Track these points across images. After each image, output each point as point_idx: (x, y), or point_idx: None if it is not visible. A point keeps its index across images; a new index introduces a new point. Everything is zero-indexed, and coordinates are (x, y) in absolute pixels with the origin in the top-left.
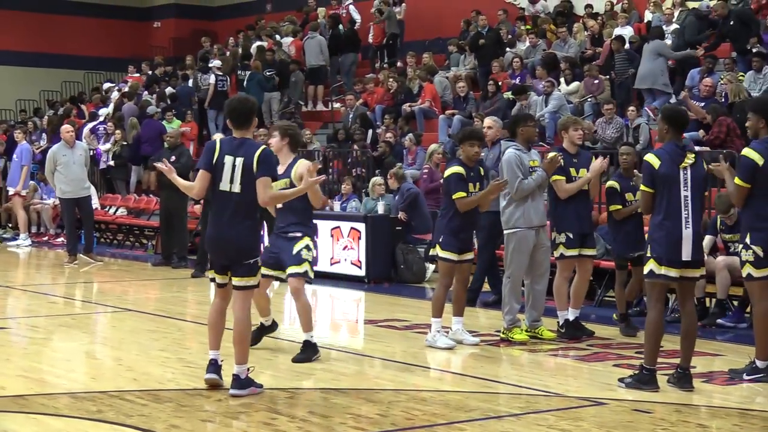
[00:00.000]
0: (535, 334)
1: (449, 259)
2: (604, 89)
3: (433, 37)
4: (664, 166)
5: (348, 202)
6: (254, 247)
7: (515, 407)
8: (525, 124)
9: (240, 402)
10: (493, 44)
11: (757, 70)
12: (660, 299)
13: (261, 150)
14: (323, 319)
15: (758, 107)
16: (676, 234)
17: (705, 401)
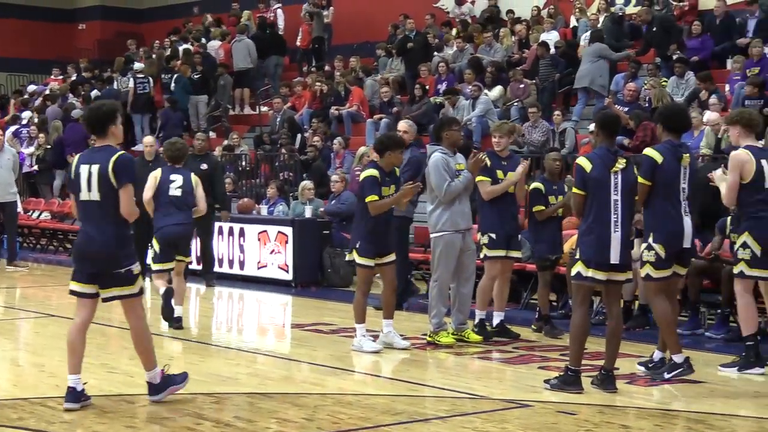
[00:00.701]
0: (461, 337)
1: (366, 265)
2: (530, 93)
3: (362, 40)
4: (595, 169)
5: (275, 206)
6: (123, 255)
7: (441, 410)
8: (450, 128)
9: (165, 407)
10: (421, 48)
11: (680, 76)
12: (585, 301)
13: (116, 157)
14: (250, 324)
15: (659, 116)
16: (604, 237)
17: (628, 402)
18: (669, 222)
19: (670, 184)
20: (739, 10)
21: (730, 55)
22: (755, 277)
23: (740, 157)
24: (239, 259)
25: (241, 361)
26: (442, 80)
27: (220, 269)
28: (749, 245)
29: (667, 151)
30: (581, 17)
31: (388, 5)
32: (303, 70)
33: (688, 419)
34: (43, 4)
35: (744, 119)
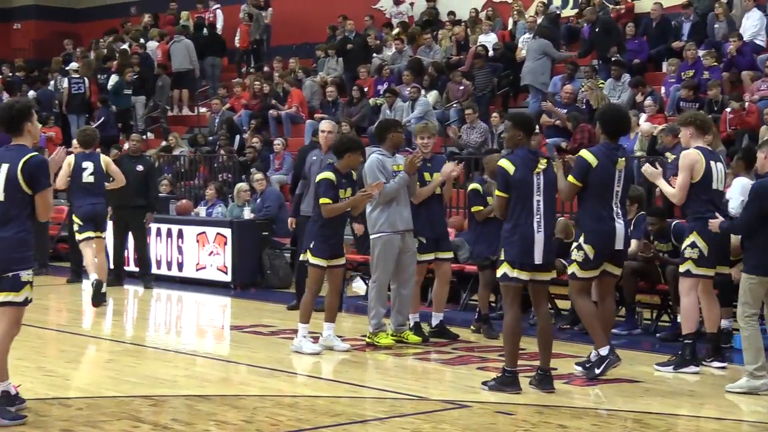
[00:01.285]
0: (400, 338)
1: (319, 265)
2: (469, 95)
3: (300, 41)
4: (518, 171)
5: (214, 207)
6: (16, 259)
7: (380, 411)
8: (395, 130)
9: (101, 411)
10: (360, 49)
11: (616, 78)
12: (515, 302)
13: (27, 158)
14: (188, 326)
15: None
16: (528, 238)
17: (566, 402)
18: (600, 224)
19: (603, 186)
20: (674, 13)
21: (665, 57)
22: (701, 276)
23: (692, 157)
24: (177, 260)
25: (179, 364)
26: (382, 81)
27: (158, 271)
28: (697, 245)
29: (602, 154)
30: (519, 19)
31: (326, 6)
32: (242, 71)
33: (625, 418)
34: None
35: (698, 121)
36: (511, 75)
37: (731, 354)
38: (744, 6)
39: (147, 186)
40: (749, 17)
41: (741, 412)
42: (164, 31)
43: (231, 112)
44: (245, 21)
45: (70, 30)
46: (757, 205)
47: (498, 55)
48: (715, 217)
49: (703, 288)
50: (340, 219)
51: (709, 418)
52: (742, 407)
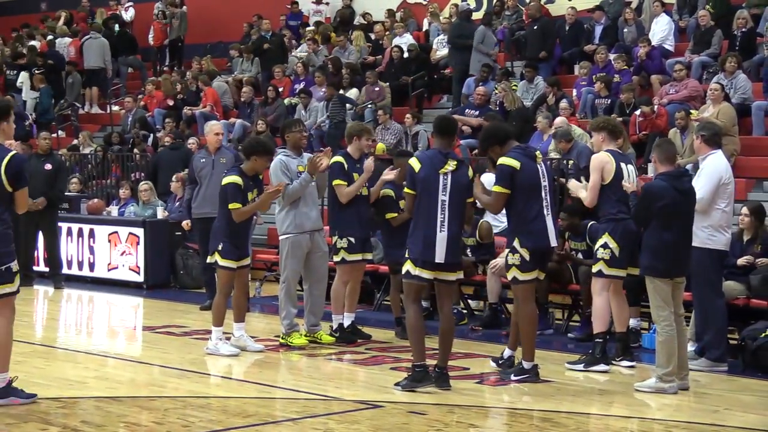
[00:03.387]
0: (314, 338)
1: (229, 267)
2: (385, 96)
3: (215, 40)
4: (423, 169)
5: (126, 206)
6: (3, 252)
7: (293, 412)
8: (291, 130)
9: (9, 412)
10: (277, 49)
11: (529, 81)
12: (416, 299)
13: (9, 158)
14: (99, 326)
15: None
16: (430, 236)
17: (478, 402)
18: (533, 223)
19: (531, 185)
20: (587, 17)
21: (577, 60)
22: (612, 277)
23: (601, 158)
24: (89, 260)
25: (89, 365)
26: (300, 80)
27: (69, 271)
28: (609, 245)
29: (520, 156)
30: (433, 21)
31: (241, 5)
32: (156, 69)
33: (536, 417)
34: None
35: (610, 126)
36: (425, 76)
37: (640, 353)
38: (652, 11)
39: (54, 183)
40: (657, 22)
41: (649, 410)
42: (77, 28)
43: (144, 111)
44: (159, 19)
45: None
46: (646, 203)
47: (413, 56)
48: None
49: (614, 288)
50: (248, 220)
51: (619, 417)
52: (650, 405)
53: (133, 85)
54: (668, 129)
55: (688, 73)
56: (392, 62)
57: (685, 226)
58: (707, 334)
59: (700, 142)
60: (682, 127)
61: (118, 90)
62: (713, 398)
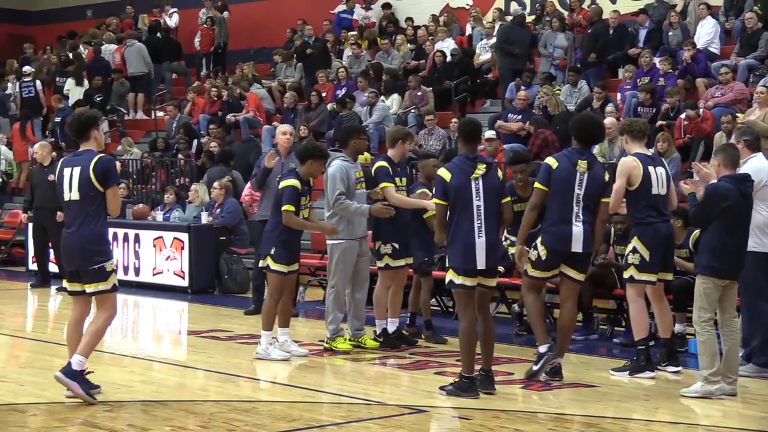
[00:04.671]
0: (358, 343)
1: (281, 271)
2: (428, 101)
3: (258, 46)
4: (455, 178)
5: (171, 212)
6: (97, 252)
7: (337, 416)
8: (358, 137)
9: (57, 416)
10: (320, 54)
11: (573, 85)
12: (468, 307)
13: (97, 159)
14: (145, 331)
15: (571, 125)
16: (469, 244)
17: (523, 407)
18: (557, 226)
19: (563, 189)
20: (630, 20)
21: (621, 64)
22: (644, 282)
23: (628, 164)
24: (134, 265)
25: (135, 369)
26: (341, 86)
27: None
28: (638, 250)
29: (563, 157)
30: (476, 25)
31: (284, 11)
32: (201, 75)
33: (580, 423)
34: None
35: (632, 128)
36: (469, 80)
37: (686, 359)
38: (698, 14)
39: None
40: (703, 25)
41: (695, 416)
42: (121, 35)
43: (188, 117)
44: (208, 25)
45: (24, 33)
46: (710, 205)
47: (456, 60)
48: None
49: (653, 293)
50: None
51: (664, 422)
52: (696, 411)
53: (177, 90)
54: (713, 133)
55: (734, 76)
56: (435, 67)
57: (745, 230)
58: (754, 339)
59: (742, 146)
60: (728, 131)
61: (162, 96)
62: (761, 404)
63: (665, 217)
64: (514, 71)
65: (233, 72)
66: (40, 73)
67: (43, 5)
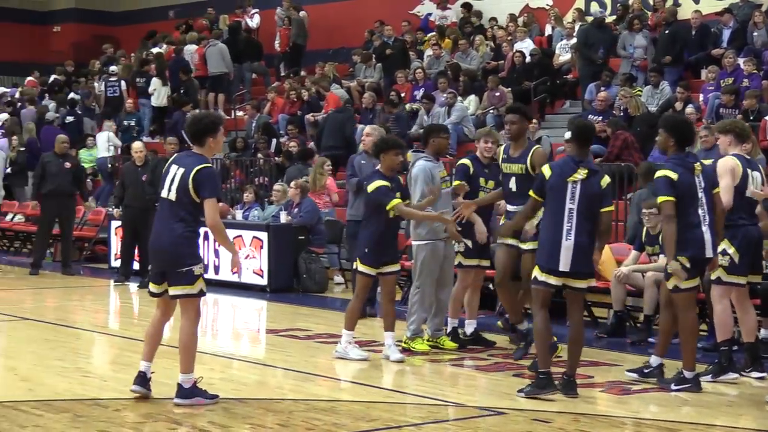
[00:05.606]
0: (436, 344)
1: (367, 273)
2: (506, 102)
3: (337, 46)
4: (553, 177)
5: (250, 210)
6: (186, 254)
7: (416, 417)
8: (438, 135)
9: (139, 413)
10: (399, 54)
11: (654, 86)
12: (544, 305)
13: (200, 167)
14: (225, 329)
15: (666, 125)
16: (555, 243)
17: (602, 410)
18: (690, 233)
19: (688, 196)
20: (713, 20)
21: (704, 65)
22: (732, 284)
23: (729, 163)
24: (214, 263)
25: (215, 366)
26: (419, 87)
27: None
28: (728, 252)
29: (677, 166)
30: (556, 26)
31: (362, 11)
32: (280, 75)
33: (660, 428)
34: (17, 6)
35: (737, 129)
36: (548, 81)
37: None
38: None
39: None
40: None
41: None
42: (202, 35)
43: (267, 116)
44: (285, 25)
45: (108, 33)
46: None
47: (535, 61)
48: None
49: (737, 296)
50: (394, 225)
51: (747, 429)
52: None
53: (257, 90)
54: None
55: None
56: (514, 67)
57: None
58: None
59: None
60: None
61: (242, 96)
62: None
63: (755, 220)
64: (593, 72)
65: (312, 72)
66: (124, 72)
67: (126, 6)
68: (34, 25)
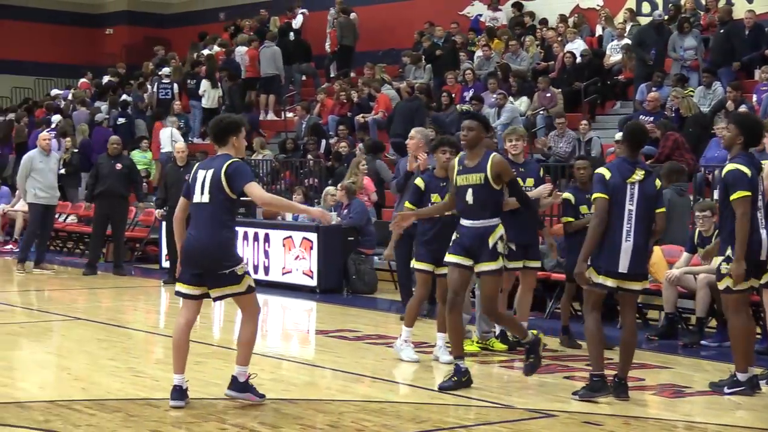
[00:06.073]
0: (485, 345)
1: (423, 270)
2: (557, 103)
3: (387, 47)
4: (613, 178)
5: None
6: (226, 256)
7: (466, 419)
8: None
9: (189, 412)
10: (449, 55)
11: (707, 86)
12: (596, 307)
13: (229, 163)
14: (274, 329)
15: (739, 122)
16: (615, 245)
17: (653, 414)
18: (752, 235)
19: (755, 196)
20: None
21: (758, 65)
22: None
23: None
24: (264, 264)
25: (265, 367)
26: (468, 88)
27: None
28: None
29: (746, 164)
30: (607, 26)
31: (412, 12)
32: (330, 76)
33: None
34: (70, 9)
35: None
36: (599, 82)
37: None
38: None
39: None
40: None
41: None
42: (253, 36)
43: (317, 118)
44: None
45: (159, 35)
46: None
47: (585, 61)
48: None
49: None
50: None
51: None
52: None
53: (306, 92)
54: None
55: None
56: (565, 68)
57: None
58: None
59: None
60: None
61: (292, 97)
62: None
63: None
64: (647, 73)
65: (362, 73)
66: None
67: (177, 8)
68: (87, 27)
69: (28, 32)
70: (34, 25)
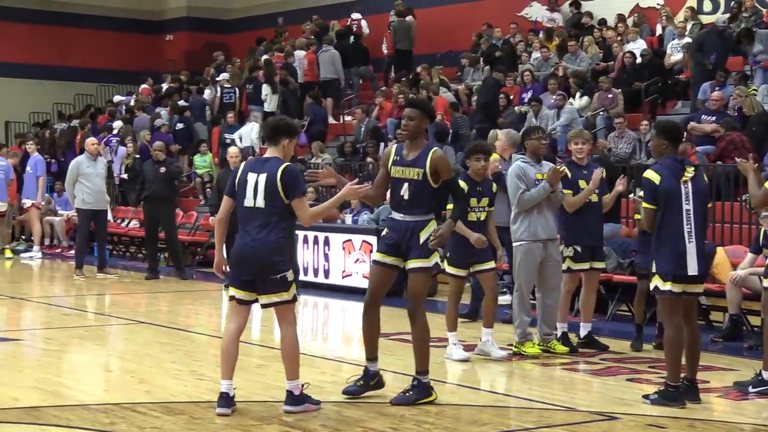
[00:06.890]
0: (547, 347)
1: (455, 275)
2: (618, 103)
3: (445, 50)
4: (665, 181)
5: (359, 215)
6: (279, 261)
7: (527, 421)
8: (530, 137)
9: (252, 416)
10: (507, 57)
11: None
12: (674, 314)
13: (284, 167)
14: (335, 333)
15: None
16: (680, 248)
17: (718, 416)
18: None
19: None
20: None
21: None
22: None
23: None
24: (324, 267)
25: (326, 370)
26: (527, 89)
27: (305, 278)
28: None
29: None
30: (668, 25)
31: (469, 14)
32: (388, 79)
33: None
34: (131, 16)
35: None
36: (660, 82)
37: None
38: None
39: None
40: None
41: None
42: (312, 40)
43: (376, 121)
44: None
45: (219, 41)
46: None
47: (646, 61)
48: None
49: None
50: (476, 226)
51: None
52: None
53: (365, 95)
54: None
55: None
56: (625, 68)
57: None
58: None
59: None
60: None
61: (350, 100)
62: None
63: None
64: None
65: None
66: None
67: (236, 14)
68: (148, 34)
69: (90, 40)
70: (95, 32)
